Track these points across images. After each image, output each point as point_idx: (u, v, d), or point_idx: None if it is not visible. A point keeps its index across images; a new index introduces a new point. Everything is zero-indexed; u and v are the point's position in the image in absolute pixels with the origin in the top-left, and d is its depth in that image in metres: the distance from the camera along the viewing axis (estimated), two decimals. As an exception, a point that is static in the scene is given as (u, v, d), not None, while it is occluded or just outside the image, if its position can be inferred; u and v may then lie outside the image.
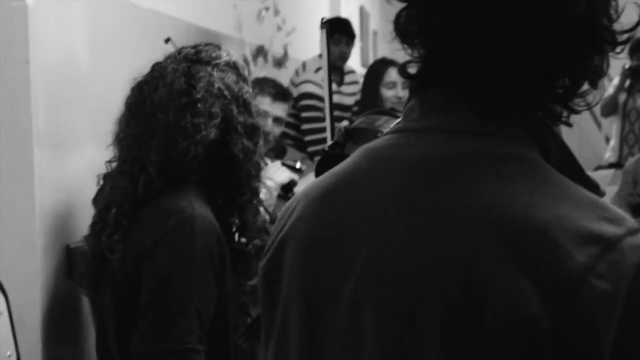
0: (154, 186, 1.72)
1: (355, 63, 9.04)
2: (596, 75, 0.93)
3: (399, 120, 0.99)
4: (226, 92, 1.76)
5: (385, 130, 1.00)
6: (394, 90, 4.18)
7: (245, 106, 1.79)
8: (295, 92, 4.96)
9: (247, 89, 1.82)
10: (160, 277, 1.64)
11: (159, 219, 1.67)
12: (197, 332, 1.62)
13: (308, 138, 4.73)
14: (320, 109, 4.80)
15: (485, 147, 0.89)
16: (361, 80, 4.94)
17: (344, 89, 5.24)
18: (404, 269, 0.86)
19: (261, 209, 1.84)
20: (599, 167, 5.53)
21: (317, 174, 1.10)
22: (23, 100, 2.21)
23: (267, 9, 4.93)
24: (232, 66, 1.83)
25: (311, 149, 4.69)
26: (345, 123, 1.25)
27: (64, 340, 2.32)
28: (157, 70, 1.80)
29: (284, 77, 5.11)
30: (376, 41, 10.78)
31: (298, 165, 3.23)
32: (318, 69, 4.96)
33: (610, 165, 5.36)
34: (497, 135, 0.90)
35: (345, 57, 5.07)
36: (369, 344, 0.87)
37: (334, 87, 4.79)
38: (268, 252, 1.00)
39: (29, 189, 2.21)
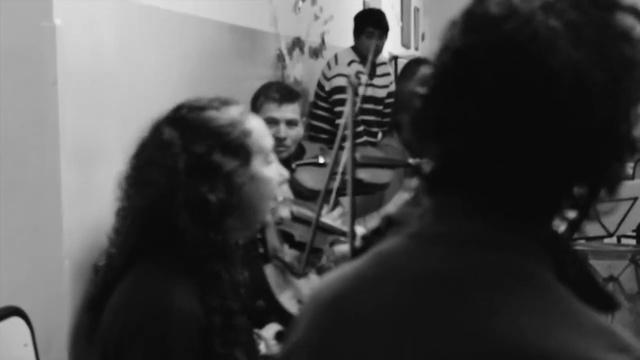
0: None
1: (396, 42, 8.95)
2: (614, 182, 0.90)
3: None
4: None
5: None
6: None
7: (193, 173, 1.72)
8: (327, 85, 4.93)
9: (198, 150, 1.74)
10: None
11: (138, 308, 1.63)
12: None
13: (342, 133, 4.69)
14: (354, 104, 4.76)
15: (497, 263, 0.88)
16: (392, 71, 4.89)
17: (376, 81, 5.20)
18: None
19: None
20: None
21: (355, 256, 1.09)
22: (51, 121, 2.20)
23: (303, -1, 4.89)
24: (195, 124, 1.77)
25: (345, 144, 4.66)
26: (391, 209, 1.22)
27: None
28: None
29: (320, 67, 5.08)
30: (417, 18, 10.66)
31: (321, 160, 3.16)
32: (351, 62, 4.93)
33: None
34: (510, 249, 0.89)
35: (378, 51, 5.02)
36: None
37: (366, 79, 4.74)
38: None
39: (56, 208, 2.21)
